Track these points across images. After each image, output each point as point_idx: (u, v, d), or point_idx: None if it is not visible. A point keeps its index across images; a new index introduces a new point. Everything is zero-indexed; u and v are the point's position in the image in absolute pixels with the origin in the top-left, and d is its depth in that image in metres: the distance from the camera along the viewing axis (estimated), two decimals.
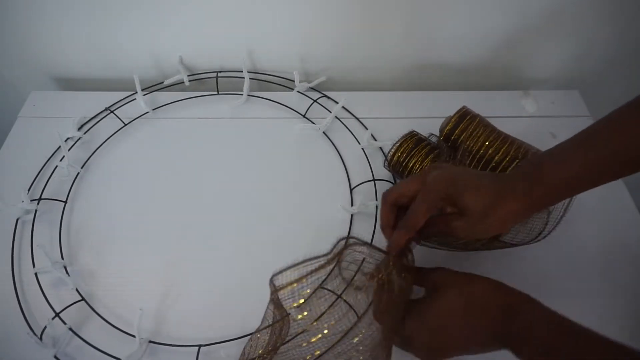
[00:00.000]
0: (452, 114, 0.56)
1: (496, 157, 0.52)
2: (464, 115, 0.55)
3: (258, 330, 0.44)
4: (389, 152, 0.57)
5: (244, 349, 0.44)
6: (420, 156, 0.55)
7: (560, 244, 0.55)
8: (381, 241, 0.47)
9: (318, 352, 0.42)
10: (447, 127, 0.55)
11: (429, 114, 0.63)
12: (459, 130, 0.54)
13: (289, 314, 0.43)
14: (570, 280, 0.53)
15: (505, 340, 0.36)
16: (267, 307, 0.43)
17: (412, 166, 0.55)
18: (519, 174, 0.41)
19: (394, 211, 0.43)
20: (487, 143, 0.53)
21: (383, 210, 0.43)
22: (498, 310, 0.37)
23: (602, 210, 0.58)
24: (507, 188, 0.39)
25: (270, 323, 0.43)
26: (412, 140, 0.56)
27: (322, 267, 0.40)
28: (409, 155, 0.55)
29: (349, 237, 0.49)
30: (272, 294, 0.41)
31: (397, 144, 0.56)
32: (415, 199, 0.40)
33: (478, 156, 0.52)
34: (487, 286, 0.39)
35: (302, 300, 0.43)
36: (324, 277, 0.45)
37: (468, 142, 0.53)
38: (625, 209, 0.58)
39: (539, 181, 0.39)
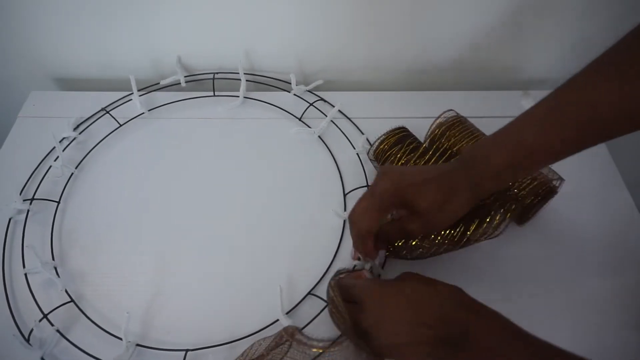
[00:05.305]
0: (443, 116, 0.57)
1: None
2: (448, 118, 0.56)
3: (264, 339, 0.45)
4: (375, 142, 0.58)
5: (245, 350, 0.45)
6: (404, 152, 0.55)
7: (560, 243, 0.54)
8: None
9: None
10: (432, 129, 0.56)
11: (427, 114, 0.62)
12: (441, 132, 0.55)
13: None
14: (570, 279, 0.52)
15: (451, 349, 0.36)
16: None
17: (392, 161, 0.55)
18: (462, 163, 0.43)
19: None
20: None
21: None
22: (456, 313, 0.37)
23: (602, 210, 0.57)
24: (453, 181, 0.41)
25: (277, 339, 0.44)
26: (399, 136, 0.57)
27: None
28: (391, 148, 0.56)
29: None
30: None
31: (383, 137, 0.57)
32: (367, 208, 0.43)
33: None
34: (450, 290, 0.39)
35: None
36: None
37: (452, 145, 0.53)
38: (625, 209, 0.57)
39: (482, 169, 0.41)
